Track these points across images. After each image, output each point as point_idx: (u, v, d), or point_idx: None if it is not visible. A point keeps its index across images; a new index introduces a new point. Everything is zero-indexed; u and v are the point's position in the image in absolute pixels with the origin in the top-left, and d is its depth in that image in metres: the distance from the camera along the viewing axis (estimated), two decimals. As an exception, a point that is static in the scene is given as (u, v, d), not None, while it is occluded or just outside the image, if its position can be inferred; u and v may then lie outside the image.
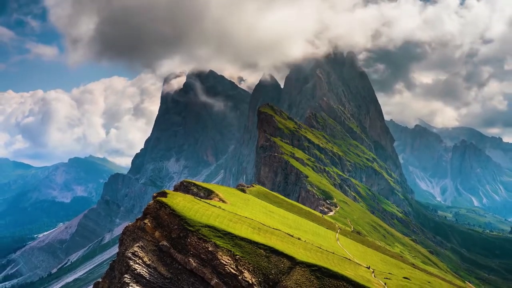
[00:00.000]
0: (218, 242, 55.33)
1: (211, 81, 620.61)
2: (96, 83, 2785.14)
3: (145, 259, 55.63)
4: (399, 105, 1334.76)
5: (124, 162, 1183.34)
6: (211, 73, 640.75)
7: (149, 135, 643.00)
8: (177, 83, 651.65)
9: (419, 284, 69.72)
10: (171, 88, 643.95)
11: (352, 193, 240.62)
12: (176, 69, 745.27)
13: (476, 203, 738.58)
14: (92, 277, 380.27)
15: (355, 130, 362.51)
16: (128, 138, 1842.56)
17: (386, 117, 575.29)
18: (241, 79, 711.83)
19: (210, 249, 54.53)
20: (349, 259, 70.20)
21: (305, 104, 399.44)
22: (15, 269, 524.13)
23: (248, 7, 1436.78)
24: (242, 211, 77.31)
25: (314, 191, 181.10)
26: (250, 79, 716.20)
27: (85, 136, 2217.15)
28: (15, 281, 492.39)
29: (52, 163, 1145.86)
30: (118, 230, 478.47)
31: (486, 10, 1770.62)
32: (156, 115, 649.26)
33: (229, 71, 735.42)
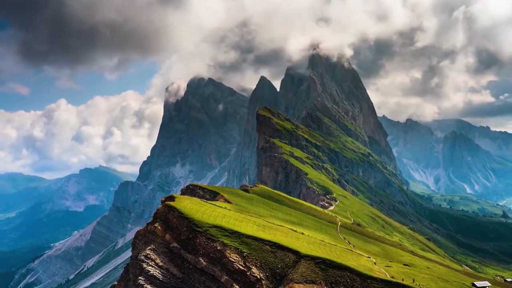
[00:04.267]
0: (225, 241, 55.37)
1: (210, 88, 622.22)
2: (101, 97, 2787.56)
3: (157, 260, 55.68)
4: (382, 104, 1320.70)
5: (132, 170, 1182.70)
6: (210, 80, 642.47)
7: (153, 142, 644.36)
8: (179, 91, 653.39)
9: (419, 270, 69.72)
10: (173, 97, 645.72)
11: (350, 187, 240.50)
12: (177, 78, 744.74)
13: (468, 190, 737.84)
14: (108, 281, 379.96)
15: (350, 127, 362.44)
16: (133, 146, 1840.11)
17: (379, 113, 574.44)
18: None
19: (218, 248, 54.57)
20: (351, 250, 70.20)
21: (301, 105, 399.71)
22: (35, 277, 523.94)
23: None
24: (247, 210, 77.36)
25: (314, 188, 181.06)
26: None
27: (94, 147, 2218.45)
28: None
29: (64, 174, 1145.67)
30: (130, 235, 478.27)
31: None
32: (159, 124, 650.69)
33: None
